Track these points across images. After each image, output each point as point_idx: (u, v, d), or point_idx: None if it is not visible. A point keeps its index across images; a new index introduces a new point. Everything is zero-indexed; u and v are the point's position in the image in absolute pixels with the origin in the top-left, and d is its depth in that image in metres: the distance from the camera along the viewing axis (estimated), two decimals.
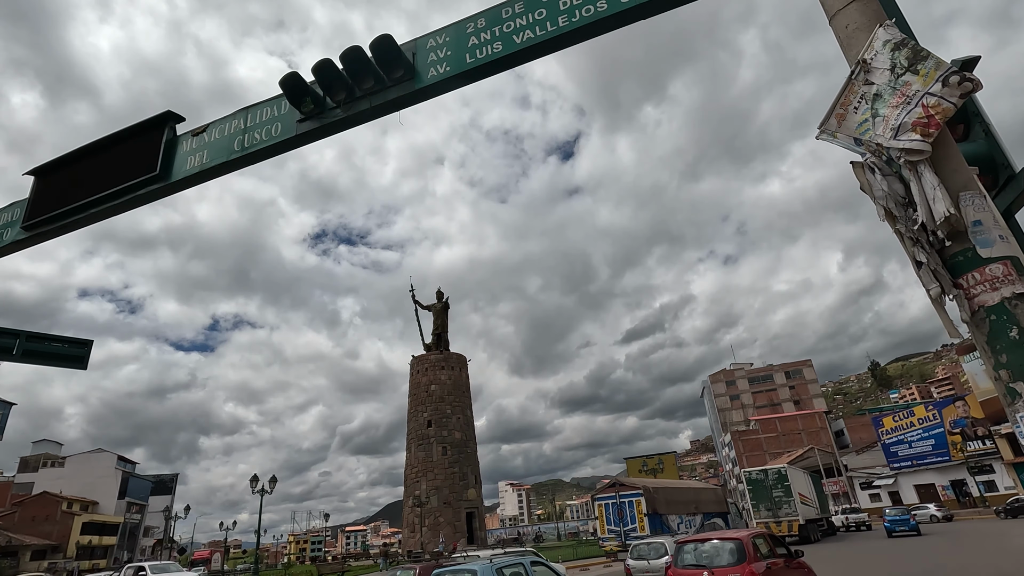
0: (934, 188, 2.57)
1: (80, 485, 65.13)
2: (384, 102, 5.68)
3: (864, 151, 2.84)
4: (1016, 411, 2.37)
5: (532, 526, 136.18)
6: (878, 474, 57.48)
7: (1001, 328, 2.46)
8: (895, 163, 2.80)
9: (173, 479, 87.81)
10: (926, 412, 51.84)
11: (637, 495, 27.81)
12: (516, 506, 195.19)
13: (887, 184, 2.79)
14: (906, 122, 2.70)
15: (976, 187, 2.66)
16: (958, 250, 2.62)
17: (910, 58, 2.78)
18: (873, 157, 2.81)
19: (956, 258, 2.62)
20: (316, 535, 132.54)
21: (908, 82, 2.76)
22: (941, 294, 2.59)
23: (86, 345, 11.77)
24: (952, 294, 2.59)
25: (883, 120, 2.80)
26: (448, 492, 53.31)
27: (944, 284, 2.60)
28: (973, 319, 2.51)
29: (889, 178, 2.82)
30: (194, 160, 6.45)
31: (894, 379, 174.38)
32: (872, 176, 2.84)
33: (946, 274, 2.61)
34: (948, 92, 2.64)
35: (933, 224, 2.59)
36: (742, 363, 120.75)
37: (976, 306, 2.50)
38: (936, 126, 2.62)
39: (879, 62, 2.87)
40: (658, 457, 72.17)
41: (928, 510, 39.00)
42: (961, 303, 2.56)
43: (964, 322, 2.57)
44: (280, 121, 6.15)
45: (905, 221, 2.75)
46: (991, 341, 2.48)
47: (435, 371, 59.43)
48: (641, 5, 4.88)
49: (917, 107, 2.68)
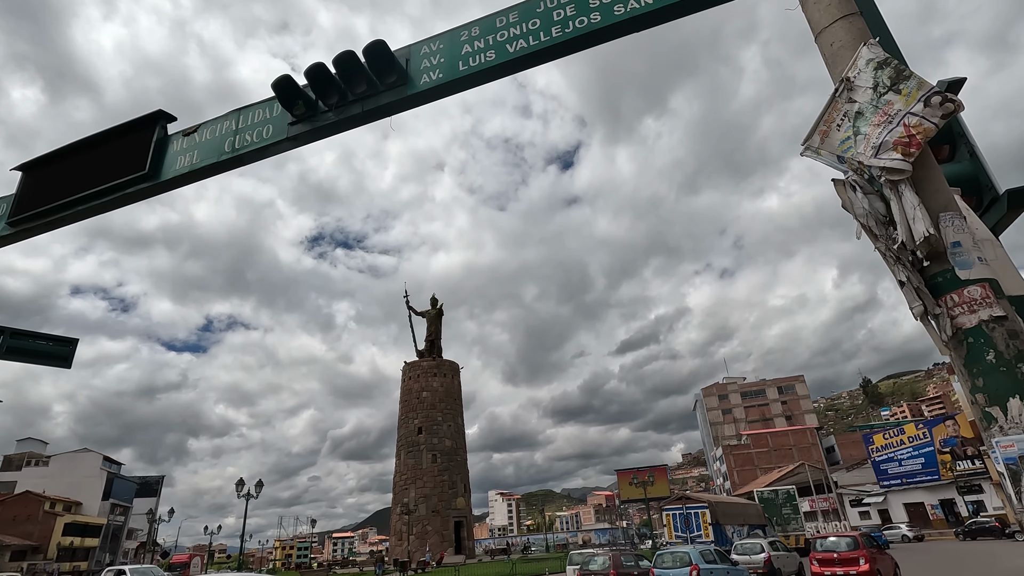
0: (914, 208, 2.56)
1: (64, 485, 64.24)
2: (376, 107, 5.68)
3: (847, 169, 2.84)
4: (992, 435, 2.34)
5: (521, 536, 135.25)
6: (868, 492, 57.41)
7: (978, 351, 2.43)
8: (876, 182, 2.79)
9: (159, 481, 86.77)
10: (916, 430, 51.88)
11: (703, 507, 33.19)
12: (506, 516, 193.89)
13: (868, 202, 2.79)
14: (887, 140, 2.69)
15: (956, 208, 2.65)
16: (938, 270, 2.60)
17: (893, 77, 2.79)
18: (855, 175, 2.81)
19: (936, 278, 2.61)
20: (303, 541, 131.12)
21: (890, 101, 2.76)
22: (924, 313, 2.58)
23: (71, 344, 11.65)
24: (935, 312, 2.57)
25: (864, 138, 2.79)
26: (437, 500, 52.87)
27: (927, 303, 2.58)
28: (952, 340, 2.49)
29: (870, 196, 2.81)
30: (184, 160, 6.42)
31: (885, 396, 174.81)
32: (853, 194, 2.84)
33: (928, 293, 2.60)
34: (930, 112, 2.64)
35: (913, 244, 2.58)
36: (735, 377, 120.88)
37: (955, 327, 2.49)
38: (917, 146, 2.62)
39: (862, 80, 2.87)
40: (649, 470, 71.86)
41: (900, 530, 41.46)
42: (943, 322, 2.54)
43: (944, 343, 2.54)
44: (272, 123, 6.13)
45: (886, 240, 2.73)
46: (968, 364, 2.45)
47: (427, 378, 59.14)
48: (634, 18, 4.90)
49: (899, 126, 2.68)
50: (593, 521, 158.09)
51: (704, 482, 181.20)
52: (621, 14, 4.92)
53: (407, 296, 64.58)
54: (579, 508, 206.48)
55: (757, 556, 19.94)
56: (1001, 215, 3.09)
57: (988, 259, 2.56)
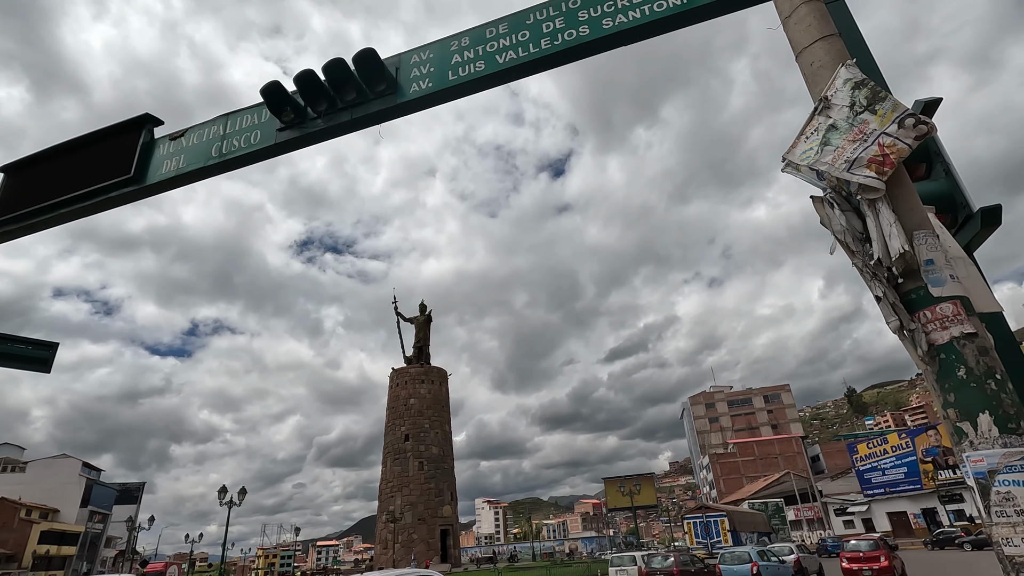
0: (891, 225, 2.62)
1: (41, 492, 62.81)
2: (365, 115, 5.69)
3: (826, 186, 2.91)
4: (962, 450, 2.38)
5: (508, 545, 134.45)
6: (852, 500, 57.87)
7: (950, 367, 2.48)
8: (854, 199, 2.85)
9: (139, 488, 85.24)
10: (899, 440, 52.48)
11: (721, 516, 36.42)
12: (493, 524, 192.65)
13: (845, 219, 2.85)
14: (862, 157, 2.75)
15: (930, 226, 2.71)
16: (912, 287, 2.65)
17: (869, 98, 2.86)
18: (833, 192, 2.87)
19: (910, 295, 2.66)
20: (286, 549, 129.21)
21: (866, 120, 2.82)
22: (900, 328, 2.63)
23: (51, 348, 11.40)
24: (910, 328, 2.61)
25: (835, 150, 2.84)
26: (423, 508, 52.43)
27: (902, 318, 2.63)
28: (926, 356, 2.54)
29: (848, 213, 2.87)
30: (170, 164, 6.37)
31: (870, 406, 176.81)
32: (831, 211, 2.89)
33: (904, 308, 2.65)
34: (904, 133, 2.71)
35: (889, 260, 2.64)
36: (722, 386, 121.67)
37: (928, 343, 2.54)
38: (891, 165, 2.68)
39: (839, 99, 2.94)
40: (636, 478, 71.86)
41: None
42: (918, 337, 2.58)
43: (920, 357, 2.59)
44: (260, 129, 6.11)
45: (863, 256, 2.79)
46: (940, 379, 2.50)
47: (415, 384, 58.81)
48: (622, 32, 4.97)
49: (873, 145, 2.74)
50: (580, 529, 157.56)
51: (691, 490, 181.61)
52: (609, 28, 4.99)
53: (396, 302, 64.31)
54: (566, 516, 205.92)
55: (788, 557, 22.75)
56: (975, 232, 3.17)
57: (960, 277, 2.62)
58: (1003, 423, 2.31)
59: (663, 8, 4.84)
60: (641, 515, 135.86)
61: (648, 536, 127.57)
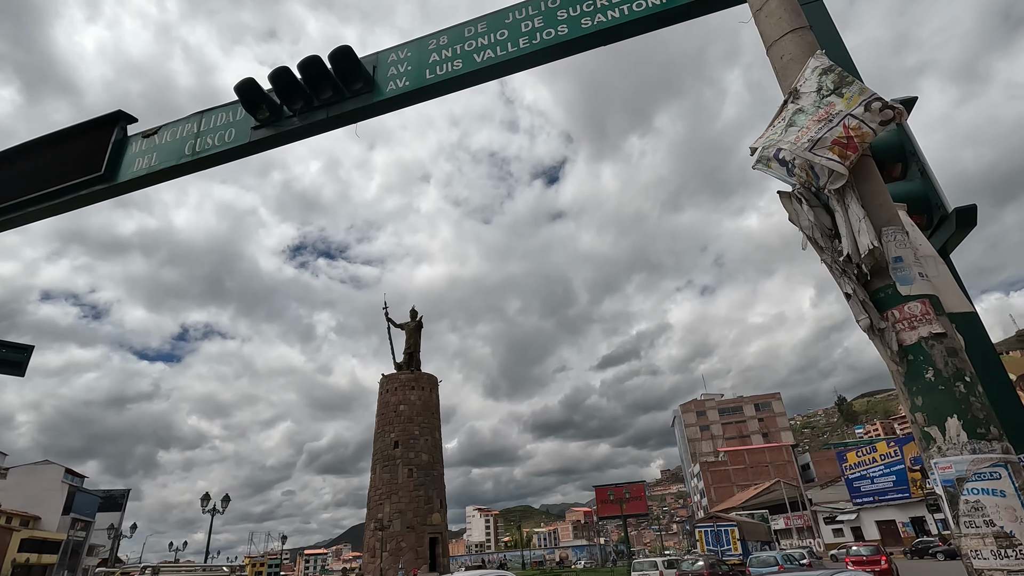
0: (859, 220, 2.53)
1: (22, 498, 61.63)
2: (341, 113, 5.59)
3: (795, 182, 2.83)
4: (930, 457, 2.26)
5: (498, 553, 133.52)
6: (841, 509, 57.90)
7: (918, 369, 2.37)
8: (823, 194, 2.77)
9: (124, 495, 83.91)
10: (888, 448, 52.64)
11: (732, 526, 38.24)
12: (484, 532, 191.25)
13: (814, 215, 2.76)
14: (826, 137, 2.66)
15: (899, 223, 2.62)
16: (880, 285, 2.56)
17: (836, 82, 2.79)
18: (802, 188, 2.79)
19: (879, 293, 2.56)
20: (273, 558, 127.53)
21: (832, 103, 2.74)
22: (871, 326, 2.52)
23: (26, 351, 11.18)
24: (879, 327, 2.50)
25: (800, 130, 2.77)
26: (412, 516, 51.91)
27: (872, 316, 2.52)
28: (896, 356, 2.42)
29: (816, 209, 2.79)
30: (142, 162, 6.24)
31: (860, 414, 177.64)
32: (799, 206, 2.81)
33: (873, 307, 2.55)
34: (869, 117, 2.62)
35: (858, 256, 2.55)
36: (713, 394, 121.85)
37: (898, 343, 2.43)
38: (854, 149, 2.59)
39: (807, 87, 2.88)
40: (626, 486, 71.62)
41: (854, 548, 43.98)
42: (888, 336, 2.47)
43: (891, 358, 2.46)
44: (234, 127, 5.99)
45: (832, 252, 2.69)
46: (908, 382, 2.39)
47: (405, 391, 58.39)
48: (601, 32, 4.91)
49: (838, 126, 2.65)
50: (571, 537, 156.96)
51: (682, 499, 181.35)
52: (588, 27, 4.93)
53: (386, 307, 63.94)
54: (557, 524, 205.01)
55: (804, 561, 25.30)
56: (950, 233, 3.10)
57: (929, 275, 2.52)
58: (972, 428, 2.19)
59: (642, 8, 4.79)
60: (632, 523, 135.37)
61: (639, 544, 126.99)
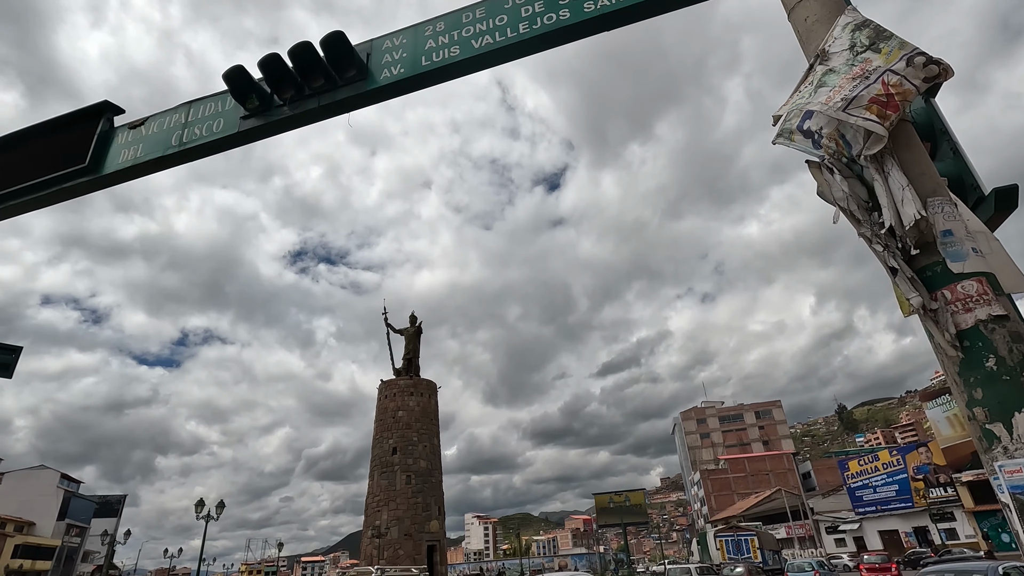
0: (902, 189, 2.22)
1: (16, 503, 61.02)
2: (333, 102, 5.38)
3: (823, 154, 2.56)
4: (993, 458, 1.93)
5: (497, 561, 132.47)
6: (843, 518, 57.32)
7: (976, 357, 2.03)
8: (857, 164, 2.50)
9: (120, 501, 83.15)
10: (890, 457, 52.15)
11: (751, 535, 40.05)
12: (482, 540, 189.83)
13: (848, 186, 2.45)
14: (862, 95, 2.38)
15: (946, 194, 2.35)
16: (927, 263, 2.22)
17: (872, 37, 2.52)
18: (831, 159, 2.53)
19: (925, 272, 2.23)
20: (270, 565, 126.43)
21: (868, 59, 2.47)
22: (923, 307, 2.16)
23: (14, 352, 10.93)
24: (931, 307, 2.15)
25: (831, 90, 2.49)
26: (410, 523, 51.30)
27: (921, 292, 2.19)
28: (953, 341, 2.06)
29: (851, 180, 2.49)
30: (127, 154, 6.02)
31: (860, 423, 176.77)
32: (831, 176, 2.50)
33: (920, 283, 2.21)
34: (912, 73, 2.34)
35: (901, 229, 2.22)
36: (713, 401, 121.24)
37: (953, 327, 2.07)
38: (895, 108, 2.31)
39: (838, 46, 2.58)
40: (626, 494, 71.06)
41: (843, 560, 44.78)
42: (944, 318, 2.11)
43: (948, 343, 2.07)
44: (223, 117, 5.78)
45: (871, 225, 2.39)
46: (965, 371, 2.03)
47: (403, 397, 57.86)
48: (604, 16, 4.70)
49: (876, 83, 2.37)
50: (571, 545, 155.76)
51: (683, 507, 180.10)
52: (591, 11, 4.72)
53: (385, 312, 63.39)
54: (556, 532, 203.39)
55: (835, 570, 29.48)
56: (988, 216, 2.81)
57: (983, 252, 2.20)
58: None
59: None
60: (632, 531, 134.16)
61: (639, 553, 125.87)
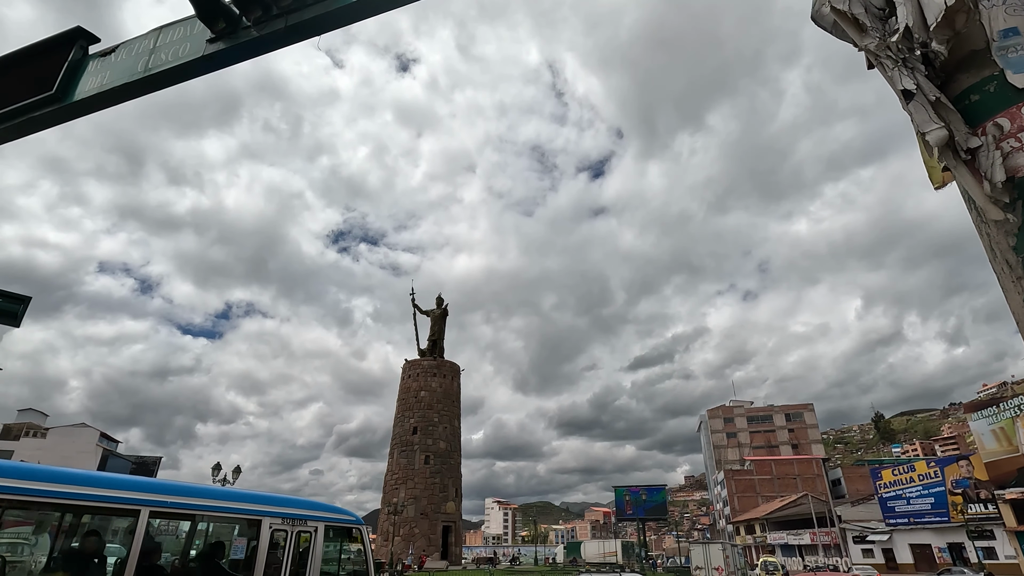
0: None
1: (58, 459, 64.21)
2: (300, 22, 4.86)
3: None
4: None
5: (514, 547, 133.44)
6: (873, 528, 55.20)
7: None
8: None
9: (156, 462, 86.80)
10: (927, 468, 49.79)
11: None
12: (501, 525, 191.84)
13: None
14: None
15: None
16: (971, 83, 1.43)
17: None
18: None
19: (967, 96, 1.45)
20: None
21: None
22: (949, 141, 1.44)
23: (22, 301, 10.95)
24: (968, 145, 1.42)
25: None
26: (426, 503, 51.83)
27: (954, 126, 1.43)
28: (999, 191, 1.35)
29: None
30: (94, 81, 5.67)
31: (898, 433, 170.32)
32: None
33: (955, 111, 1.45)
34: None
35: (925, 33, 1.45)
36: (742, 401, 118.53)
37: (1008, 171, 1.34)
38: None
39: None
40: (646, 488, 70.14)
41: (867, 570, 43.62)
42: (987, 160, 1.41)
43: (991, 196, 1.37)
44: (190, 41, 5.34)
45: (881, 33, 1.68)
46: (1022, 246, 1.28)
47: (426, 377, 58.33)
48: None
49: None
50: (589, 537, 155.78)
51: (705, 506, 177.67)
52: None
53: (413, 294, 64.20)
54: (576, 523, 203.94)
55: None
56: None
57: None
58: None
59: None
60: (652, 528, 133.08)
61: (658, 549, 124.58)
